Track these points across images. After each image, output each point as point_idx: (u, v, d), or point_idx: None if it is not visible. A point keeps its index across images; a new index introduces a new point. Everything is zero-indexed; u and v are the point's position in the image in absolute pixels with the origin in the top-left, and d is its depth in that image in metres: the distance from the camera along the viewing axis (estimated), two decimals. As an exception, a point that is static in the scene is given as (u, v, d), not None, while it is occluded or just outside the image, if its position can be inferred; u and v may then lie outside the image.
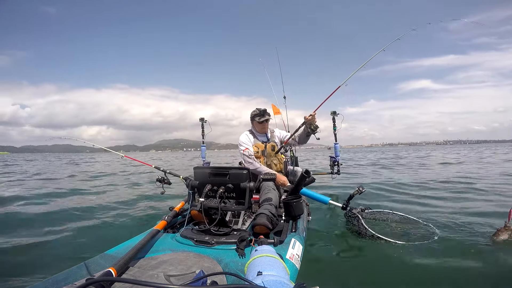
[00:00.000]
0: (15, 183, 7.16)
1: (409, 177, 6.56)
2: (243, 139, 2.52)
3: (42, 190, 5.55)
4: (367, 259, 1.97)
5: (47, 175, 9.25)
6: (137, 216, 3.40)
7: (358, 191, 2.30)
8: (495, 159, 12.89)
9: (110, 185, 6.49)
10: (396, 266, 1.79)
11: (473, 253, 1.94)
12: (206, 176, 1.74)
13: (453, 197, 3.97)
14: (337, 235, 2.44)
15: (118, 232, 2.78)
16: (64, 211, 3.62)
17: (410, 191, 4.54)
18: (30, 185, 6.49)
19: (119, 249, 1.41)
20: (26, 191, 5.47)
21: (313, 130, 2.39)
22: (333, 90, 2.45)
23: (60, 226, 2.93)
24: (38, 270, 1.88)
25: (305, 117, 2.35)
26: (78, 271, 1.18)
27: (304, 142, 2.58)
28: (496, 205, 3.33)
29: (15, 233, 2.69)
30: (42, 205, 4.03)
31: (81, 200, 4.52)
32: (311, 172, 2.04)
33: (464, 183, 5.25)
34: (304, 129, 2.46)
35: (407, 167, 9.86)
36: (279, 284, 0.77)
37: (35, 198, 4.60)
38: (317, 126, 2.38)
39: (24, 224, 3.02)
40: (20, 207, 3.85)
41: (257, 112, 2.55)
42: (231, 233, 1.57)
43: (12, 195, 4.93)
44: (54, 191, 5.34)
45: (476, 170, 7.82)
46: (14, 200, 4.32)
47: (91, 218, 3.30)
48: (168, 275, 1.11)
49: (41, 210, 3.61)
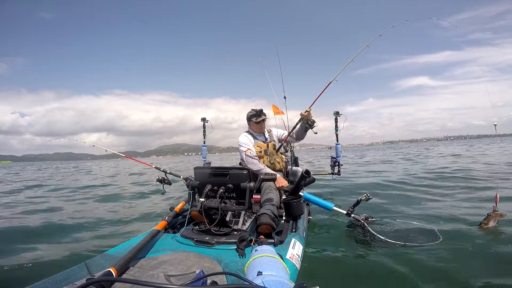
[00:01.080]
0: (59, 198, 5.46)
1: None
2: (243, 140, 2.51)
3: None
4: (368, 259, 1.96)
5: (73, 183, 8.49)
6: (137, 216, 3.41)
7: (366, 198, 2.24)
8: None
9: (114, 187, 6.51)
10: (396, 266, 1.78)
11: (471, 251, 1.95)
12: (206, 176, 1.74)
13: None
14: (338, 235, 2.44)
15: (118, 232, 2.79)
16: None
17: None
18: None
19: (119, 249, 1.42)
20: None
21: (310, 125, 2.49)
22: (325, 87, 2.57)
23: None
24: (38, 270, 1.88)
25: (301, 113, 2.47)
26: (79, 271, 1.18)
27: (302, 138, 2.69)
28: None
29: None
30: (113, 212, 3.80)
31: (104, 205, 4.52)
32: (311, 172, 2.04)
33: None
34: (301, 125, 2.56)
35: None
36: (279, 284, 0.77)
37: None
38: (314, 120, 2.48)
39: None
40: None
41: (254, 113, 2.57)
42: (231, 233, 1.57)
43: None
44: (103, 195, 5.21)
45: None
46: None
47: (91, 218, 3.31)
48: (168, 275, 1.11)
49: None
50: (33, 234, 2.75)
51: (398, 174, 6.70)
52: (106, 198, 4.96)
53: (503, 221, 2.40)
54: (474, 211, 2.93)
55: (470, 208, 3.09)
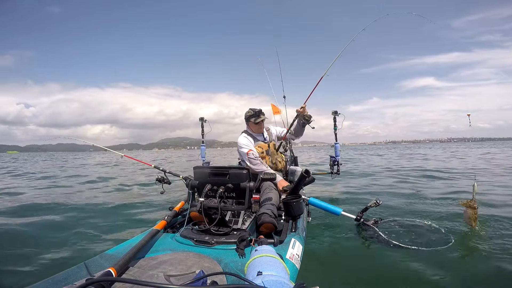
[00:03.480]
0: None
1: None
2: (244, 141, 2.48)
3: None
4: (368, 259, 1.97)
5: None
6: (137, 216, 3.40)
7: (376, 204, 2.21)
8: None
9: (111, 185, 6.49)
10: (396, 267, 1.79)
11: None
12: (206, 176, 1.74)
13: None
14: (338, 235, 2.44)
15: (118, 232, 2.78)
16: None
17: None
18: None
19: (119, 249, 1.41)
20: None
21: (307, 120, 2.55)
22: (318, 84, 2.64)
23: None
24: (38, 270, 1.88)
25: (297, 110, 2.53)
26: (78, 271, 1.18)
27: (300, 134, 2.74)
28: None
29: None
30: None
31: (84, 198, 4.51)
32: (310, 171, 2.04)
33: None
34: (298, 121, 2.61)
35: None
36: (279, 284, 0.77)
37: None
38: (310, 115, 2.55)
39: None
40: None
41: (252, 113, 2.53)
42: (231, 233, 1.57)
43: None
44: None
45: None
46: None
47: (91, 218, 3.30)
48: (168, 275, 1.11)
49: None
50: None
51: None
52: (103, 196, 4.96)
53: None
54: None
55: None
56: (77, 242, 2.47)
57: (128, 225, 3.05)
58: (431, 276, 1.66)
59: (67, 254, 2.18)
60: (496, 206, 3.15)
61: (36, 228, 2.89)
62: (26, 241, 2.47)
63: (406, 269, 1.74)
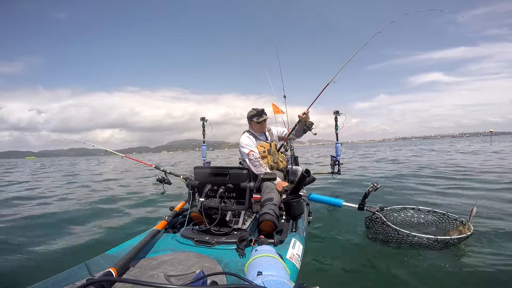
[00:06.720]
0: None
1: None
2: (246, 141, 2.47)
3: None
4: (368, 259, 1.96)
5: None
6: (137, 216, 3.41)
7: (373, 188, 2.14)
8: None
9: (113, 185, 6.51)
10: (396, 267, 1.78)
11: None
12: (206, 176, 1.74)
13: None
14: (338, 234, 2.44)
15: (118, 232, 2.79)
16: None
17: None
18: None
19: (119, 249, 1.42)
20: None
21: (309, 127, 2.50)
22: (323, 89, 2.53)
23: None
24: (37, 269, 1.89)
25: (299, 115, 2.45)
26: (79, 271, 1.18)
27: (300, 136, 2.71)
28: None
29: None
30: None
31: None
32: (311, 171, 2.04)
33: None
34: (299, 126, 2.56)
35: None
36: (279, 284, 0.77)
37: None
38: (312, 122, 2.49)
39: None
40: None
41: (255, 113, 2.55)
42: (231, 233, 1.57)
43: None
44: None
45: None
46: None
47: (91, 218, 3.31)
48: (169, 275, 1.11)
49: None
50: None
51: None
52: (106, 196, 4.98)
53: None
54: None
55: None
56: (77, 242, 2.48)
57: (128, 225, 3.06)
58: (431, 276, 1.65)
59: (67, 254, 2.18)
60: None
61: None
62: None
63: (406, 269, 1.73)
